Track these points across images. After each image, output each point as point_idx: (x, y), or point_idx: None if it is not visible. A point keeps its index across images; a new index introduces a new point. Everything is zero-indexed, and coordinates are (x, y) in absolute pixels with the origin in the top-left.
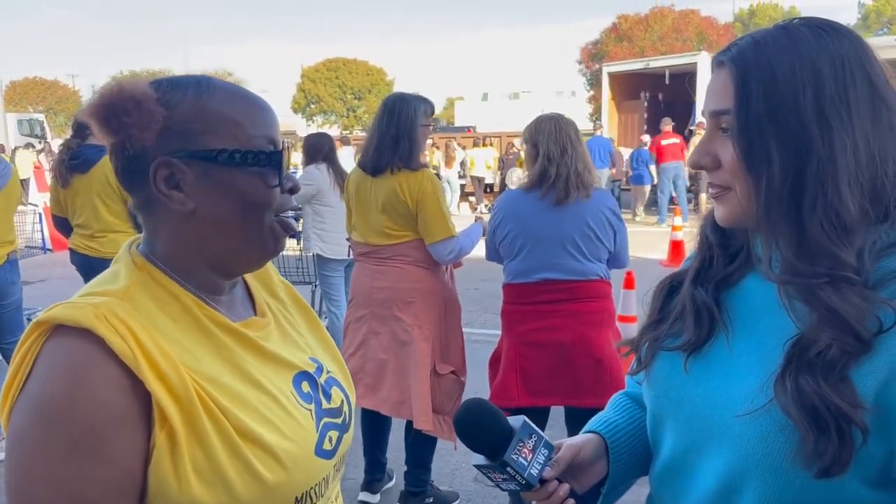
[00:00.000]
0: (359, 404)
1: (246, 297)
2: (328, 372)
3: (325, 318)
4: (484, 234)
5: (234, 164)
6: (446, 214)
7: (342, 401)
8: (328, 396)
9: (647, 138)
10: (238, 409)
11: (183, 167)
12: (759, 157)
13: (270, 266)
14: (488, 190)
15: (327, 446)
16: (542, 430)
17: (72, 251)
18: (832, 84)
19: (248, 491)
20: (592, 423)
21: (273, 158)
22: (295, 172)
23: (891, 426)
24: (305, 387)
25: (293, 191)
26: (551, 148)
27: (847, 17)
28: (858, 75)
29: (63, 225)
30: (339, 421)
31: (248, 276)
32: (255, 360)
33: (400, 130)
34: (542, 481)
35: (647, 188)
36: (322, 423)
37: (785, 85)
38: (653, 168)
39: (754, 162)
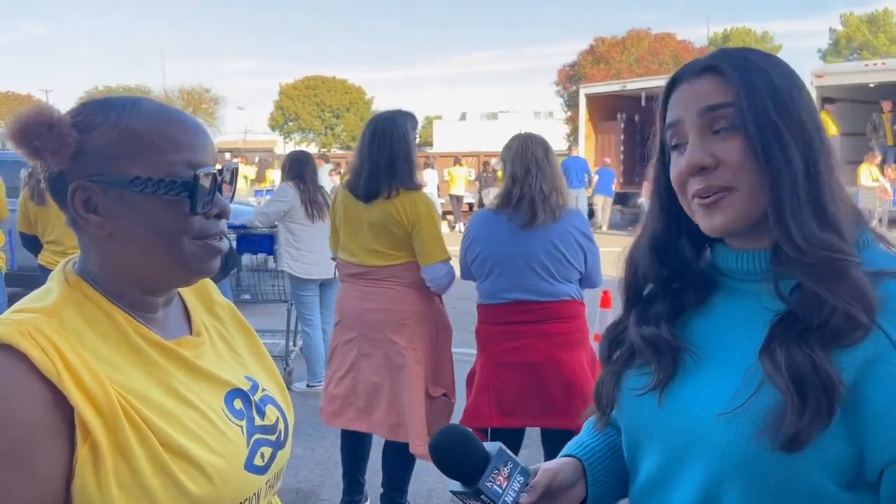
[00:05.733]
0: (351, 427)
1: (183, 315)
2: (264, 390)
3: (301, 337)
4: None
5: (149, 192)
6: (441, 237)
7: (277, 418)
8: (262, 413)
9: (607, 160)
10: (164, 423)
11: (99, 191)
12: (779, 153)
13: (213, 286)
14: (468, 209)
15: (258, 462)
16: (518, 450)
17: (42, 268)
18: (804, 90)
19: None
20: (569, 446)
21: (186, 187)
22: (269, 192)
23: (860, 428)
24: (238, 404)
25: (221, 216)
26: (516, 168)
27: (818, 42)
28: (805, 88)
29: (32, 243)
30: (272, 438)
31: (188, 296)
32: (186, 378)
33: (394, 153)
34: None
35: (610, 199)
36: (254, 439)
37: (781, 84)
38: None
39: (773, 158)
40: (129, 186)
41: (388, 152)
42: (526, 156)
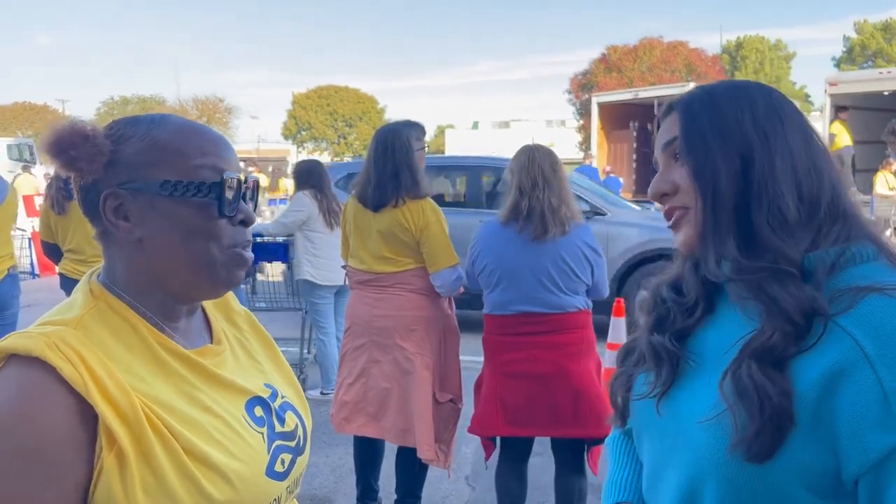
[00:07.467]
0: (361, 433)
1: (204, 324)
2: (283, 397)
3: (315, 345)
4: None
5: (178, 195)
6: (449, 242)
7: (296, 425)
8: (282, 420)
9: (608, 168)
10: (187, 431)
11: (129, 198)
12: (707, 168)
13: (231, 295)
14: None
15: (279, 468)
16: (527, 457)
17: (62, 276)
18: (765, 107)
19: None
20: (611, 492)
21: (214, 189)
22: (283, 201)
23: (836, 439)
24: (258, 411)
25: (245, 223)
26: (523, 180)
27: (832, 49)
28: (786, 106)
29: (53, 251)
30: (292, 444)
31: (208, 305)
32: (207, 387)
33: (398, 163)
34: None
35: None
36: (274, 445)
37: (726, 107)
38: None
39: (702, 174)
40: (159, 191)
41: (392, 162)
42: (533, 168)
